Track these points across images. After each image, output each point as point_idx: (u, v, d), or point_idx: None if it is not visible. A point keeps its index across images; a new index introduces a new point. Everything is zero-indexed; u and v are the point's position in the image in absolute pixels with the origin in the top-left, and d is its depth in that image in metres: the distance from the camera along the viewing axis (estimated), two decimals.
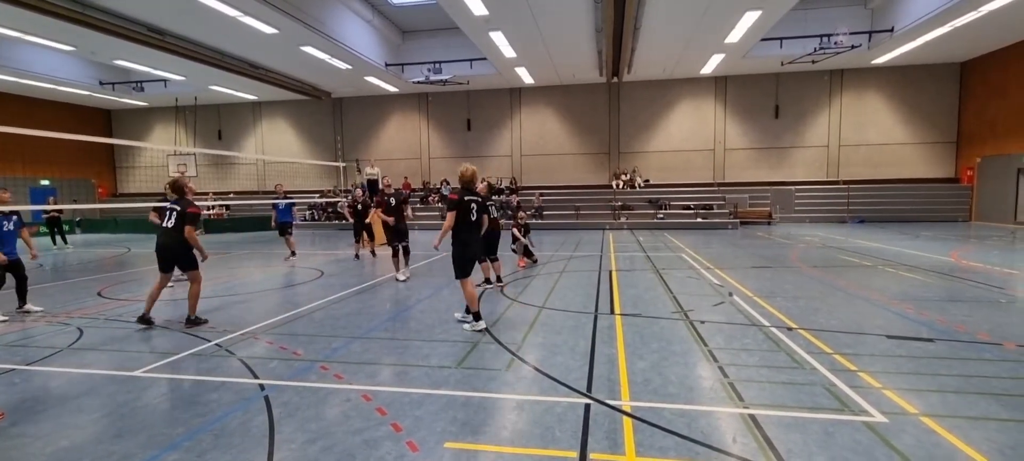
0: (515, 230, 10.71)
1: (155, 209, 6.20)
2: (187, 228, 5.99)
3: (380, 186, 9.83)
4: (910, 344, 4.87)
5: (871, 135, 22.07)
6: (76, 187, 26.05)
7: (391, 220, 9.12)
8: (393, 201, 9.25)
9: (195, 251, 6.11)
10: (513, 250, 11.00)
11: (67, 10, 13.06)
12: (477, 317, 5.57)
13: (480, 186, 6.56)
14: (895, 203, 21.27)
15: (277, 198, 12.49)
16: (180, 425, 3.41)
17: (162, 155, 26.73)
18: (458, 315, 6.08)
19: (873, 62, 20.42)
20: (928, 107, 21.48)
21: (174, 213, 6.04)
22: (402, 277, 8.94)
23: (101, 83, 22.38)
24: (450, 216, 5.45)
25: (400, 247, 9.12)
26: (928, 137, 21.68)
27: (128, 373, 4.41)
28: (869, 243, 13.50)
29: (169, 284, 6.80)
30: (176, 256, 6.08)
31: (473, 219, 5.61)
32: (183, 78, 21.10)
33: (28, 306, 6.94)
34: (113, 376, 4.38)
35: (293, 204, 12.73)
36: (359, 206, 12.72)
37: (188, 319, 6.04)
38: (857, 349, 4.74)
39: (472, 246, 5.68)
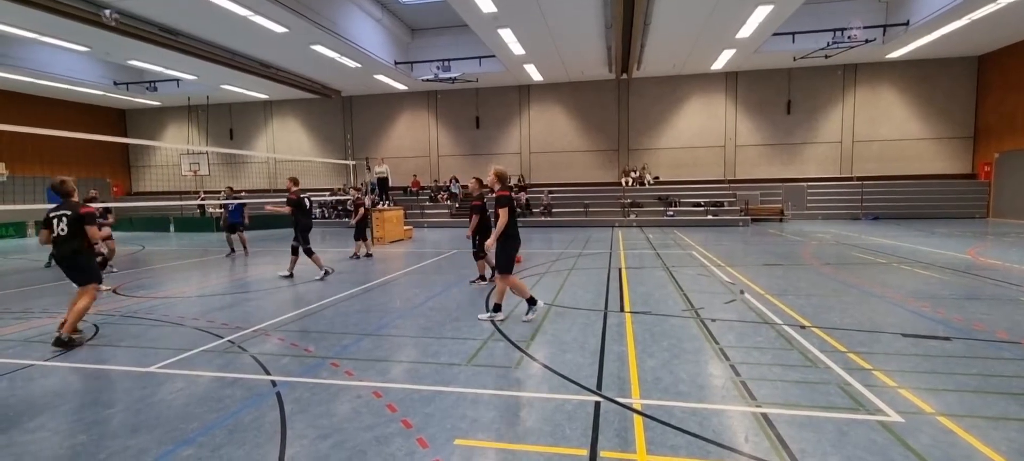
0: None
1: (44, 226, 5.40)
2: (90, 230, 5.37)
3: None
4: (926, 343, 4.80)
5: (885, 130, 21.74)
6: (91, 186, 26.44)
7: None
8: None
9: (94, 259, 5.59)
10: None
11: (82, 11, 13.24)
12: (532, 302, 5.84)
13: (489, 179, 6.65)
14: (910, 199, 20.95)
15: (228, 199, 13.56)
16: (195, 420, 3.45)
17: (175, 154, 27.07)
18: (483, 316, 5.99)
19: (888, 56, 20.10)
20: (944, 102, 21.11)
21: (65, 218, 5.31)
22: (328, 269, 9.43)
23: (115, 83, 22.69)
24: (504, 213, 5.64)
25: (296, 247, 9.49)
26: (944, 132, 21.31)
27: (143, 369, 4.47)
28: (883, 240, 13.31)
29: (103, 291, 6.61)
30: (70, 268, 5.41)
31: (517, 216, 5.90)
32: (195, 78, 21.33)
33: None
34: (128, 372, 4.45)
35: (244, 204, 13.50)
36: (351, 206, 12.92)
37: (57, 339, 5.14)
38: (872, 347, 4.67)
39: (518, 240, 5.91)
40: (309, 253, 9.42)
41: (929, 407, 3.43)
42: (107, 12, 13.39)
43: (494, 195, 5.87)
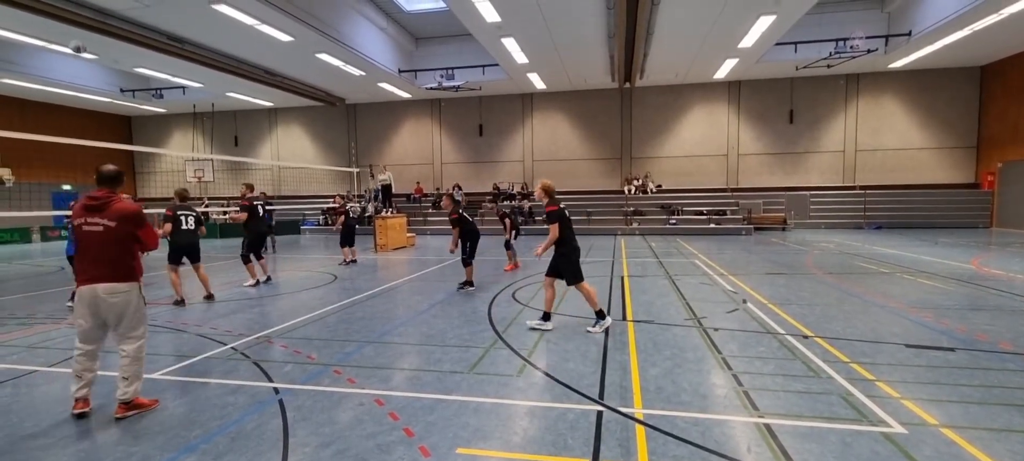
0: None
1: (171, 221, 7.56)
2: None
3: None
4: (930, 353, 4.78)
5: (888, 140, 21.74)
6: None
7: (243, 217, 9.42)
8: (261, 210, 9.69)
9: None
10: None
11: (90, 19, 13.39)
12: (602, 315, 5.69)
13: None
14: (913, 209, 20.90)
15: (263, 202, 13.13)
16: (197, 427, 3.46)
17: (180, 161, 27.23)
18: (531, 323, 5.95)
19: (890, 66, 20.14)
20: (947, 111, 21.12)
21: (191, 216, 7.67)
22: (260, 279, 9.34)
23: (122, 90, 22.90)
24: (554, 228, 5.68)
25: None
26: (947, 142, 21.29)
27: (146, 376, 4.48)
28: (886, 249, 13.27)
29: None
30: (192, 250, 7.77)
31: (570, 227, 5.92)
32: (201, 85, 21.51)
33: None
34: None
35: (272, 209, 13.11)
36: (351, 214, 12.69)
37: (209, 295, 7.85)
38: (875, 358, 4.66)
39: (577, 249, 5.84)
40: (245, 260, 9.32)
41: (933, 418, 3.41)
42: (75, 44, 14.20)
43: (546, 210, 5.87)
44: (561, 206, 5.77)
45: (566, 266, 5.71)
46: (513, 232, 10.83)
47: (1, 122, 22.24)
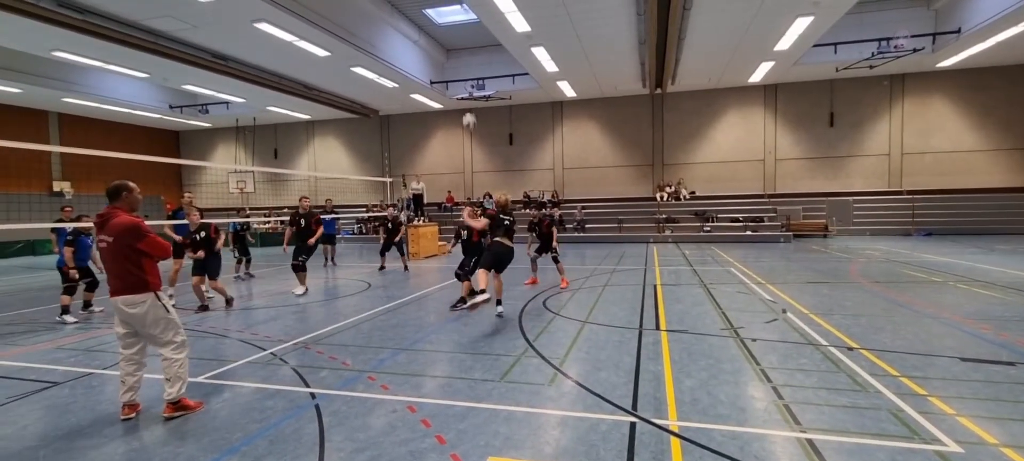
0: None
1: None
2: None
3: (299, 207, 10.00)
4: (988, 367, 4.50)
5: (937, 142, 20.70)
6: (146, 204, 28.02)
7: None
8: (303, 222, 9.73)
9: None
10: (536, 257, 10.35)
11: (145, 41, 14.21)
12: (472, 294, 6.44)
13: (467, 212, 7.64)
14: (966, 214, 19.77)
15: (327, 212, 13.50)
16: (238, 430, 3.58)
17: (223, 173, 28.40)
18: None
19: (938, 65, 19.22)
20: (1001, 112, 19.97)
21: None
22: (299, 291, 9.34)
23: (171, 107, 24.12)
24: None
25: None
26: (1002, 143, 20.12)
27: (191, 379, 4.66)
28: (938, 257, 12.60)
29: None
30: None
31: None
32: (243, 100, 22.44)
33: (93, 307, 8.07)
34: None
35: (337, 219, 13.44)
36: (390, 224, 12.91)
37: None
38: (926, 372, 4.42)
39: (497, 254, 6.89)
40: (298, 268, 9.51)
41: (992, 438, 3.21)
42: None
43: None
44: (500, 215, 6.98)
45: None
46: (536, 246, 10.07)
47: (68, 140, 23.82)
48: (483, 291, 6.32)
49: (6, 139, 7.10)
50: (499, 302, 7.01)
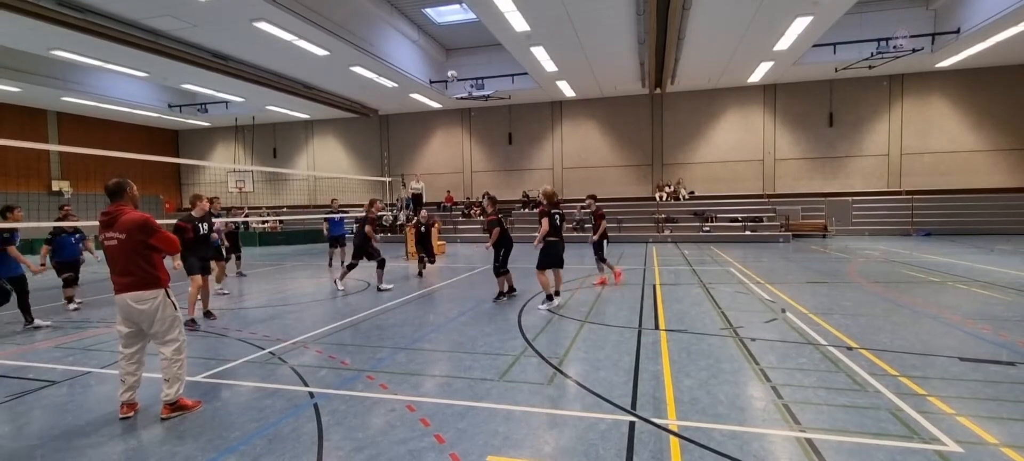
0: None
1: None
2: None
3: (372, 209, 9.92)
4: (987, 367, 4.50)
5: (936, 142, 20.71)
6: (145, 203, 27.99)
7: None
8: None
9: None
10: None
11: (144, 40, 14.19)
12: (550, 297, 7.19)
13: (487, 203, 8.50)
14: (965, 214, 19.79)
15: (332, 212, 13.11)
16: (236, 429, 3.57)
17: (222, 172, 28.38)
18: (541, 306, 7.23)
19: (937, 65, 19.23)
20: (1001, 112, 19.98)
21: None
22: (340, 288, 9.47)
23: (170, 106, 24.08)
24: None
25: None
26: (1001, 144, 20.13)
27: (189, 378, 4.65)
28: (937, 257, 12.61)
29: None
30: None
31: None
32: (242, 99, 22.42)
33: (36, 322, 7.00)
34: None
35: (345, 219, 12.99)
36: (424, 227, 12.37)
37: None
38: (926, 371, 4.42)
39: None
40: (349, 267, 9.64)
41: (992, 437, 3.20)
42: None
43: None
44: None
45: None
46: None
47: (67, 139, 23.81)
48: (558, 292, 7.59)
49: (5, 138, 7.06)
50: (558, 293, 7.74)
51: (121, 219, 3.76)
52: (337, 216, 13.09)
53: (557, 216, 7.65)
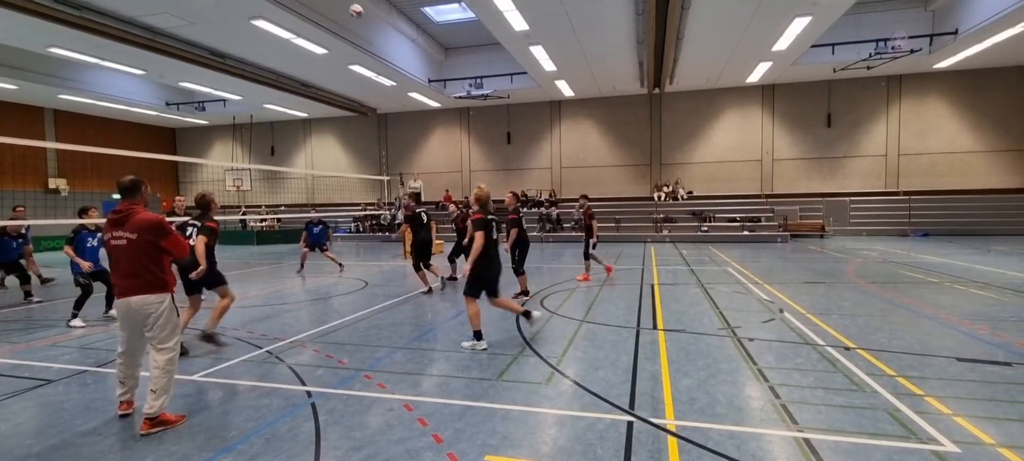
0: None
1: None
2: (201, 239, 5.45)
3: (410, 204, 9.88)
4: (984, 368, 4.51)
5: (934, 143, 20.77)
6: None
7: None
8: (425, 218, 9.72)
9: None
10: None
11: (141, 38, 14.14)
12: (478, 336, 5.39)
13: (508, 198, 8.17)
14: (963, 215, 19.87)
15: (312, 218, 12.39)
16: (233, 429, 3.56)
17: (220, 170, 28.31)
18: (464, 343, 5.52)
19: (935, 66, 19.29)
20: (998, 113, 20.06)
21: (194, 230, 5.59)
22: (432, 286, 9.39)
23: (167, 103, 24.01)
24: (479, 236, 5.30)
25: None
26: (998, 145, 20.20)
27: (187, 377, 4.64)
28: (935, 258, 12.64)
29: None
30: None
31: (494, 236, 5.51)
32: (240, 98, 22.36)
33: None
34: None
35: (327, 225, 12.26)
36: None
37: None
38: (923, 372, 4.43)
39: (498, 266, 5.55)
40: (416, 268, 9.43)
41: (988, 437, 3.21)
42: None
43: (473, 218, 5.49)
44: (489, 216, 5.43)
45: (478, 282, 5.33)
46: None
47: (64, 136, 23.70)
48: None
49: (2, 135, 7.03)
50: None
51: (133, 218, 3.64)
52: (317, 228, 12.13)
53: (494, 224, 5.63)
